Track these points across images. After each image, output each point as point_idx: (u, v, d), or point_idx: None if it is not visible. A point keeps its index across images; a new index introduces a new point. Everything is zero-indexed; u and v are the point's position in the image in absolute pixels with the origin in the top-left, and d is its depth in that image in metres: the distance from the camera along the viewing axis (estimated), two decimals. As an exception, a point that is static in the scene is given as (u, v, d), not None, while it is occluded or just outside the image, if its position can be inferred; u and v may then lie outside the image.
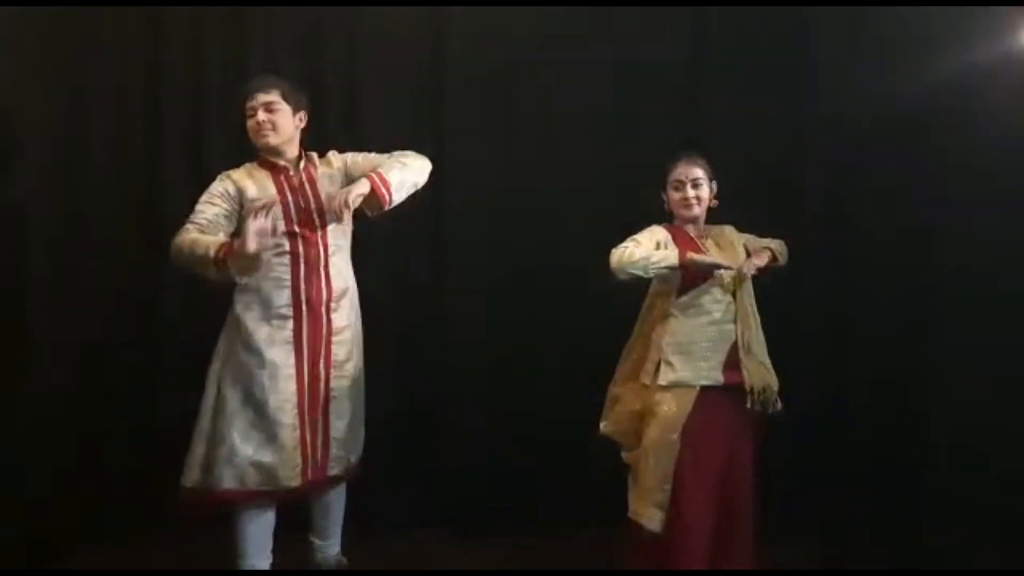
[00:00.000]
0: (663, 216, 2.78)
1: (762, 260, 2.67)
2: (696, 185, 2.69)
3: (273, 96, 2.61)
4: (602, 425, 2.76)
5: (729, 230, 2.78)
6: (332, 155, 2.77)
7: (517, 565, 3.09)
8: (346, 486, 2.83)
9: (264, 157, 2.68)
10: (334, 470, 2.67)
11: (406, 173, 2.65)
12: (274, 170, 2.67)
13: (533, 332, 3.45)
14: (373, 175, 2.59)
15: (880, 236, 3.16)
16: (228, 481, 2.51)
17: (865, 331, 3.21)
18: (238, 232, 2.56)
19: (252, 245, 2.37)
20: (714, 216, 2.80)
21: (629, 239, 2.62)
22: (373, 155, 2.74)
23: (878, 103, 3.10)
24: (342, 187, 2.64)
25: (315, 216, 2.63)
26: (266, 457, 2.54)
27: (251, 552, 2.60)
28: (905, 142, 3.05)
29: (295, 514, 2.81)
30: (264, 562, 2.63)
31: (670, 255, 2.56)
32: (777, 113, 3.44)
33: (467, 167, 3.46)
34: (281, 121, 2.63)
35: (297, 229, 2.60)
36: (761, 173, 3.40)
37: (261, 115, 2.61)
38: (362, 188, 2.55)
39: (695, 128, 3.46)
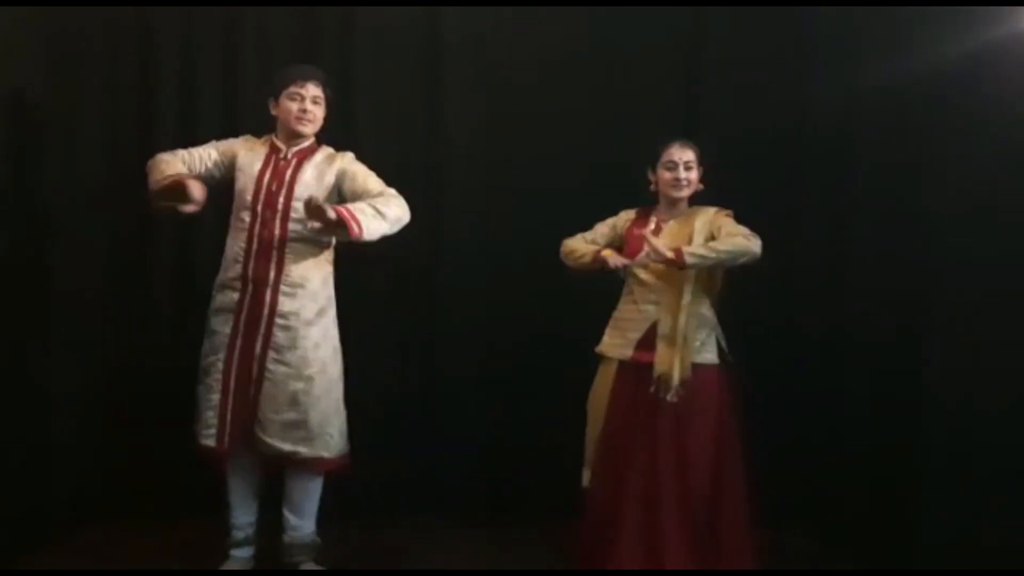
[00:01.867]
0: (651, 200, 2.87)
1: (647, 256, 2.67)
2: (688, 168, 2.78)
3: (320, 91, 2.75)
4: None
5: (708, 213, 2.80)
6: (341, 156, 2.82)
7: (511, 553, 3.12)
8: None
9: (277, 135, 2.79)
10: (275, 450, 2.67)
11: (381, 224, 2.61)
12: (273, 149, 2.78)
13: (530, 319, 3.48)
14: (347, 214, 2.54)
15: (877, 225, 3.13)
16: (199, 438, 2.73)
17: (862, 321, 3.18)
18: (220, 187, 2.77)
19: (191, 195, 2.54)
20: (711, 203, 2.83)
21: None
22: (371, 179, 2.75)
23: (876, 91, 3.09)
24: (327, 182, 2.74)
25: (281, 200, 2.69)
26: (201, 415, 2.72)
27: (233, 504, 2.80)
28: (904, 129, 3.01)
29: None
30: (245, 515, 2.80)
31: (586, 254, 2.84)
32: (774, 102, 3.45)
33: (464, 161, 3.47)
34: (320, 115, 2.77)
35: (259, 209, 2.69)
36: (757, 163, 3.39)
37: (308, 105, 2.73)
38: (331, 215, 2.51)
39: (691, 119, 3.47)
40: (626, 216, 2.91)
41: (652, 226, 2.81)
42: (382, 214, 2.61)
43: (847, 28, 3.26)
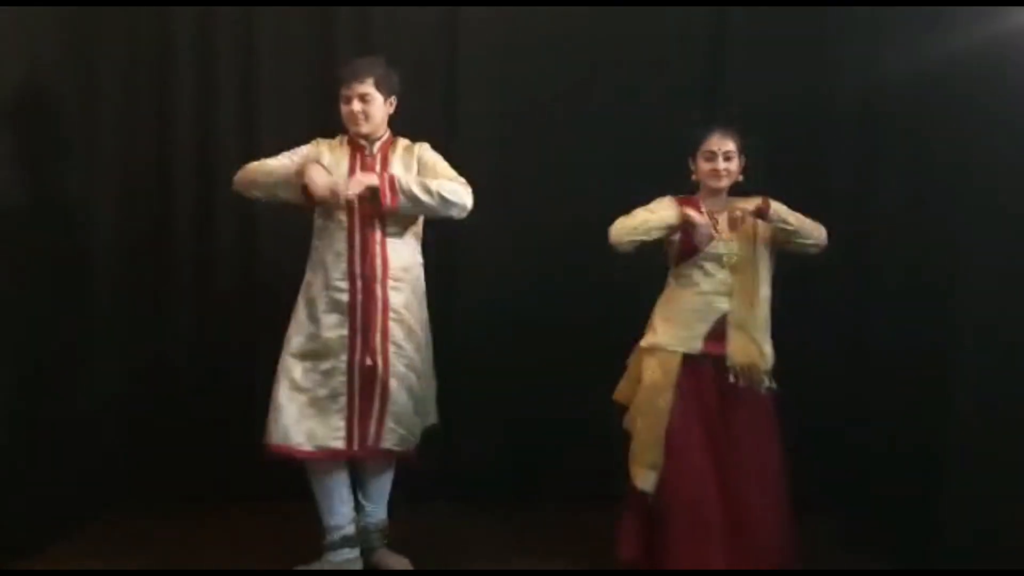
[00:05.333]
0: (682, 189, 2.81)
1: (741, 214, 2.64)
2: (728, 158, 2.70)
3: (367, 87, 2.71)
4: (617, 391, 2.84)
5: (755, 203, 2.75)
6: (418, 146, 2.85)
7: (531, 539, 3.15)
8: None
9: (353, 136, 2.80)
10: (387, 442, 2.72)
11: (427, 196, 2.65)
12: (355, 147, 2.79)
13: (547, 310, 3.48)
14: (388, 177, 2.65)
15: (902, 216, 3.10)
16: (274, 437, 2.66)
17: (888, 314, 3.16)
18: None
19: (349, 189, 2.59)
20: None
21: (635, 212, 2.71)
22: (442, 166, 2.79)
23: (904, 76, 3.05)
24: (413, 172, 2.76)
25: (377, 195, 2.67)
26: (310, 419, 2.67)
27: (325, 509, 2.76)
28: (929, 117, 2.97)
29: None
30: (338, 519, 2.76)
31: (668, 215, 2.66)
32: (801, 89, 3.41)
33: (481, 155, 3.46)
34: (373, 110, 2.73)
35: (357, 205, 2.68)
36: (785, 151, 3.34)
37: (356, 105, 2.71)
38: (370, 180, 2.62)
39: (712, 110, 3.41)
40: (667, 205, 2.74)
41: (704, 215, 2.71)
42: (427, 189, 2.65)
43: (870, 14, 3.22)
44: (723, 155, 2.68)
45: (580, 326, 3.45)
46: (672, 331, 2.68)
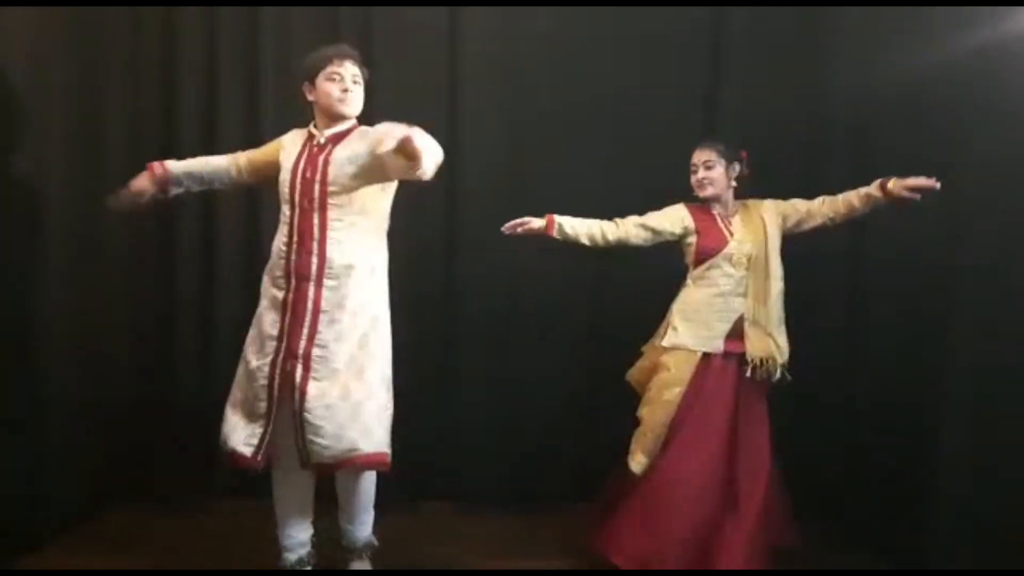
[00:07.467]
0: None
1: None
2: (708, 167, 2.84)
3: (358, 70, 2.62)
4: (628, 372, 2.99)
5: (767, 204, 2.89)
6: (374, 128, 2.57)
7: (519, 539, 3.16)
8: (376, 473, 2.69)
9: (315, 122, 2.65)
10: (315, 457, 2.49)
11: (430, 141, 2.40)
12: (310, 135, 2.65)
13: (547, 311, 3.50)
14: (406, 129, 2.31)
15: (897, 220, 3.09)
16: (230, 443, 2.55)
17: (886, 312, 3.17)
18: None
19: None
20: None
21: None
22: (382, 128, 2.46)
23: (900, 81, 3.06)
24: (361, 159, 2.53)
25: (316, 188, 2.53)
26: (241, 423, 2.56)
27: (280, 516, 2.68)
28: (924, 122, 2.99)
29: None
30: (297, 531, 2.68)
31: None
32: (797, 93, 3.43)
33: (483, 157, 3.48)
34: (360, 96, 2.64)
35: (296, 199, 2.55)
36: (776, 159, 3.35)
37: (349, 84, 2.59)
38: (401, 131, 2.30)
39: (709, 115, 3.46)
40: (682, 211, 2.89)
41: (724, 225, 2.85)
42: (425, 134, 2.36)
43: (866, 21, 3.24)
44: (703, 165, 2.85)
45: (580, 327, 3.46)
46: (693, 331, 2.80)
